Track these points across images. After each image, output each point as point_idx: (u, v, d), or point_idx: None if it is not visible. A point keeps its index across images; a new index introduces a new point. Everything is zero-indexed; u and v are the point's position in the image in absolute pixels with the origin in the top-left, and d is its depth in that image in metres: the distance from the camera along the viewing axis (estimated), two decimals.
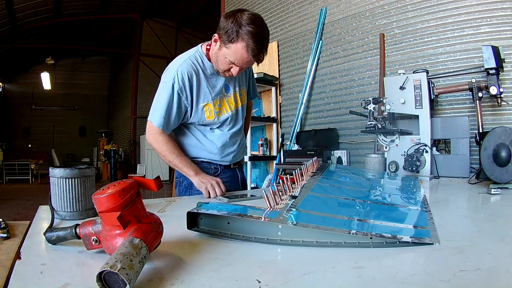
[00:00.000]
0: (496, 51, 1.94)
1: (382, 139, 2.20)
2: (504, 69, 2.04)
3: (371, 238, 0.68)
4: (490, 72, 1.94)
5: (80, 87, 14.17)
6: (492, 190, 1.38)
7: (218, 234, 0.75)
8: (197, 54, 1.40)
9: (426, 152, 2.02)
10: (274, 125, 3.87)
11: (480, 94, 1.96)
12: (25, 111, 13.38)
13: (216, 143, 1.47)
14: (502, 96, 1.95)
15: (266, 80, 3.76)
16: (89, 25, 10.56)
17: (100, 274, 0.46)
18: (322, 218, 0.81)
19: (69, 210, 0.93)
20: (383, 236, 0.69)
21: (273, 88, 3.87)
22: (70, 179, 0.92)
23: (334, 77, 3.25)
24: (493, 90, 1.91)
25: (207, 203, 0.81)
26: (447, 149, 2.22)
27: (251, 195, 1.35)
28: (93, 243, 0.63)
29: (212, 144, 1.47)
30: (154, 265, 0.59)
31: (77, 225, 0.66)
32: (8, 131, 12.87)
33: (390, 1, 2.79)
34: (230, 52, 1.26)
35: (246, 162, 3.80)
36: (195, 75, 1.36)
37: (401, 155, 2.07)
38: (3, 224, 0.92)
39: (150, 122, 1.38)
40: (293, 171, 1.16)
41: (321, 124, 3.40)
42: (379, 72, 2.82)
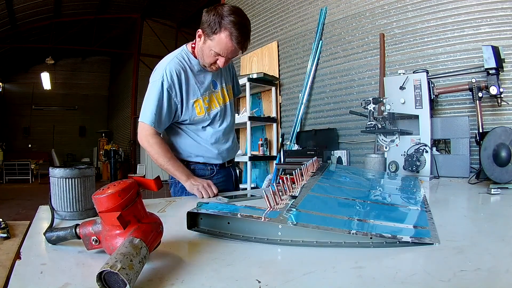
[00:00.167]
0: (496, 51, 1.94)
1: (382, 139, 2.20)
2: (504, 69, 2.04)
3: (371, 238, 0.68)
4: (490, 72, 1.94)
5: (80, 87, 14.17)
6: (492, 190, 1.38)
7: (218, 234, 0.75)
8: (183, 52, 1.42)
9: (426, 152, 2.02)
10: (274, 125, 3.88)
11: (480, 94, 1.96)
12: (25, 111, 13.39)
13: (210, 140, 1.49)
14: (502, 96, 1.95)
15: (266, 80, 3.76)
16: (89, 25, 10.56)
17: (100, 274, 0.46)
18: (322, 218, 0.81)
19: (69, 210, 0.93)
20: (383, 236, 0.69)
21: (273, 88, 3.87)
22: (70, 179, 0.92)
23: (334, 77, 3.25)
24: (493, 90, 1.91)
25: (207, 203, 0.81)
26: (447, 149, 2.22)
27: (251, 195, 1.35)
28: (93, 243, 0.63)
29: (206, 142, 1.49)
30: (154, 265, 0.59)
31: (77, 225, 0.66)
32: (8, 131, 12.87)
33: (390, 1, 2.79)
34: (214, 44, 1.28)
35: (246, 162, 3.80)
36: (183, 72, 1.38)
37: (401, 155, 2.08)
38: (3, 224, 0.92)
39: (142, 123, 1.38)
40: (293, 171, 1.16)
41: (321, 124, 3.40)
42: (379, 72, 2.82)
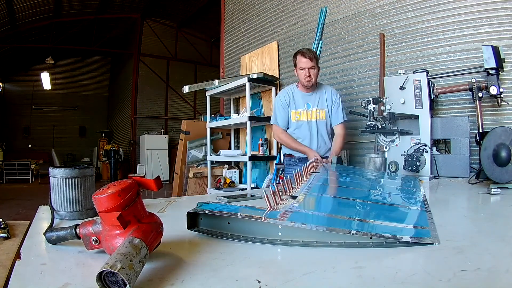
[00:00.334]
0: (496, 51, 1.94)
1: (382, 139, 2.20)
2: (504, 69, 2.04)
3: (371, 238, 0.68)
4: (490, 72, 1.94)
5: (80, 87, 14.15)
6: (492, 190, 1.38)
7: (218, 234, 0.75)
8: (290, 86, 2.44)
9: (426, 152, 2.02)
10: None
11: (480, 94, 1.96)
12: (25, 111, 13.37)
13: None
14: (502, 96, 1.95)
15: (266, 80, 3.76)
16: (89, 25, 10.55)
17: (100, 274, 0.46)
18: (322, 218, 0.81)
19: (69, 210, 0.93)
20: (383, 236, 0.69)
21: (273, 88, 3.87)
22: (70, 179, 0.92)
23: (334, 77, 3.25)
24: (493, 90, 1.91)
25: (207, 203, 0.81)
26: (447, 149, 2.22)
27: (251, 195, 1.35)
28: (93, 243, 0.63)
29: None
30: (154, 265, 0.59)
31: (77, 225, 0.66)
32: (8, 131, 12.86)
33: (390, 1, 2.79)
34: (297, 66, 2.27)
35: (246, 162, 3.80)
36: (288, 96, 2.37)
37: (401, 155, 2.08)
38: (3, 224, 0.92)
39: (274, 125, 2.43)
40: (293, 171, 1.16)
41: None
42: (379, 72, 2.82)
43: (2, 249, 0.79)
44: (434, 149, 2.13)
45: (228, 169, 4.41)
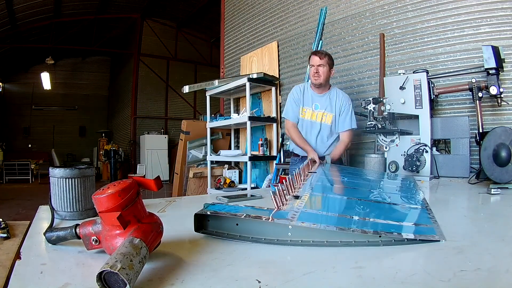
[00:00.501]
0: (496, 51, 1.94)
1: (382, 139, 2.20)
2: (504, 69, 2.04)
3: (380, 236, 0.68)
4: (490, 72, 1.94)
5: (80, 87, 14.14)
6: (492, 190, 1.38)
7: (226, 236, 0.74)
8: (305, 84, 2.45)
9: (426, 152, 2.02)
10: (274, 125, 3.87)
11: (480, 94, 1.96)
12: (25, 111, 13.36)
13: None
14: (502, 96, 1.95)
15: (266, 80, 3.76)
16: (89, 25, 10.55)
17: (100, 274, 0.46)
18: (331, 218, 0.81)
19: (69, 210, 0.93)
20: (391, 234, 0.69)
21: (273, 88, 3.87)
22: (70, 179, 0.92)
23: (334, 77, 3.23)
24: (493, 90, 1.91)
25: (213, 204, 0.81)
26: (447, 149, 2.22)
27: (251, 195, 1.35)
28: (93, 243, 0.63)
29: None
30: (154, 265, 0.59)
31: (77, 225, 0.66)
32: (8, 131, 12.85)
33: (390, 1, 2.79)
34: (309, 64, 2.29)
35: (246, 162, 3.80)
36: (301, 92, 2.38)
37: (401, 155, 2.08)
38: (3, 224, 0.92)
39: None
40: (293, 172, 1.16)
41: None
42: (379, 72, 2.82)
43: (2, 249, 0.79)
44: (434, 149, 2.13)
45: (228, 169, 4.41)
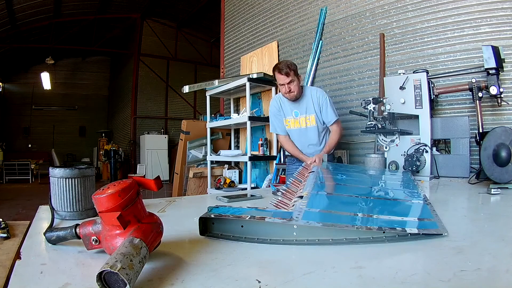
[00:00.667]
0: (496, 51, 1.94)
1: (382, 139, 2.20)
2: (504, 69, 2.04)
3: (384, 232, 0.69)
4: (490, 72, 1.94)
5: (80, 87, 14.15)
6: (492, 190, 1.38)
7: (231, 238, 0.74)
8: (279, 95, 2.38)
9: (426, 152, 2.02)
10: None
11: (480, 94, 1.96)
12: (25, 111, 13.37)
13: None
14: (502, 96, 1.95)
15: (266, 80, 3.76)
16: (89, 25, 10.55)
17: (100, 274, 0.46)
18: (334, 216, 0.82)
19: (69, 210, 0.93)
20: (395, 229, 0.70)
21: (273, 88, 3.86)
22: (70, 179, 0.92)
23: (334, 77, 3.25)
24: (493, 90, 1.91)
25: (217, 207, 0.81)
26: (447, 149, 2.22)
27: (251, 195, 1.35)
28: (93, 243, 0.63)
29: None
30: (154, 265, 0.59)
31: (77, 225, 0.66)
32: (8, 131, 12.86)
33: (390, 1, 2.79)
34: (277, 83, 2.24)
35: (246, 162, 3.80)
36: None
37: (401, 155, 2.08)
38: (3, 224, 0.92)
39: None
40: (294, 173, 1.16)
41: None
42: (379, 72, 2.82)
43: (2, 249, 0.79)
44: (434, 149, 2.13)
45: (228, 169, 4.41)
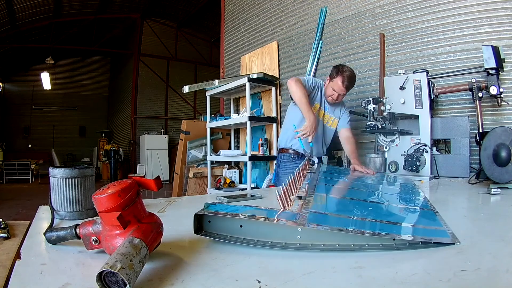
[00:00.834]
0: (496, 51, 1.94)
1: (382, 139, 2.20)
2: (504, 69, 2.04)
3: (394, 240, 0.65)
4: (490, 72, 1.94)
5: (80, 87, 14.15)
6: (492, 190, 1.38)
7: (229, 238, 0.68)
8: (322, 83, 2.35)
9: (426, 152, 2.02)
10: (274, 125, 3.87)
11: (480, 94, 1.96)
12: (25, 111, 13.37)
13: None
14: (502, 96, 1.95)
15: (266, 80, 3.76)
16: (89, 25, 10.55)
17: (100, 274, 0.46)
18: (342, 220, 0.76)
19: (69, 210, 0.93)
20: (405, 238, 0.67)
21: (273, 88, 3.87)
22: (70, 179, 0.92)
23: None
24: (493, 90, 1.91)
25: (214, 204, 0.75)
26: (447, 149, 2.22)
27: (251, 195, 1.35)
28: (93, 243, 0.63)
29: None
30: (154, 265, 0.59)
31: (77, 225, 0.66)
32: (8, 131, 12.86)
33: (390, 1, 2.79)
34: (333, 84, 2.19)
35: (246, 162, 3.80)
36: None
37: (401, 155, 2.08)
38: (3, 224, 0.91)
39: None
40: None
41: None
42: (379, 72, 2.82)
43: (2, 249, 0.79)
44: (434, 149, 2.13)
45: (228, 169, 4.41)
